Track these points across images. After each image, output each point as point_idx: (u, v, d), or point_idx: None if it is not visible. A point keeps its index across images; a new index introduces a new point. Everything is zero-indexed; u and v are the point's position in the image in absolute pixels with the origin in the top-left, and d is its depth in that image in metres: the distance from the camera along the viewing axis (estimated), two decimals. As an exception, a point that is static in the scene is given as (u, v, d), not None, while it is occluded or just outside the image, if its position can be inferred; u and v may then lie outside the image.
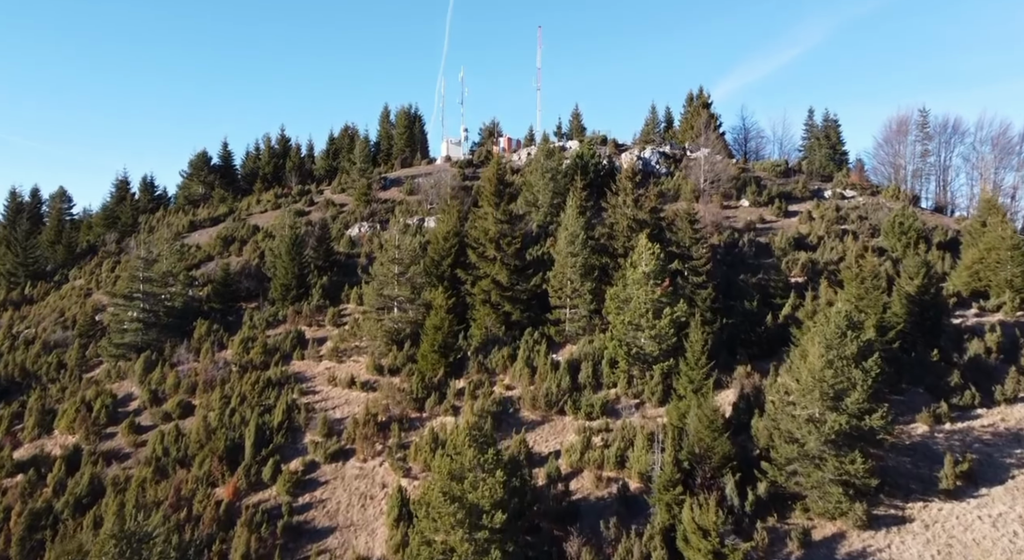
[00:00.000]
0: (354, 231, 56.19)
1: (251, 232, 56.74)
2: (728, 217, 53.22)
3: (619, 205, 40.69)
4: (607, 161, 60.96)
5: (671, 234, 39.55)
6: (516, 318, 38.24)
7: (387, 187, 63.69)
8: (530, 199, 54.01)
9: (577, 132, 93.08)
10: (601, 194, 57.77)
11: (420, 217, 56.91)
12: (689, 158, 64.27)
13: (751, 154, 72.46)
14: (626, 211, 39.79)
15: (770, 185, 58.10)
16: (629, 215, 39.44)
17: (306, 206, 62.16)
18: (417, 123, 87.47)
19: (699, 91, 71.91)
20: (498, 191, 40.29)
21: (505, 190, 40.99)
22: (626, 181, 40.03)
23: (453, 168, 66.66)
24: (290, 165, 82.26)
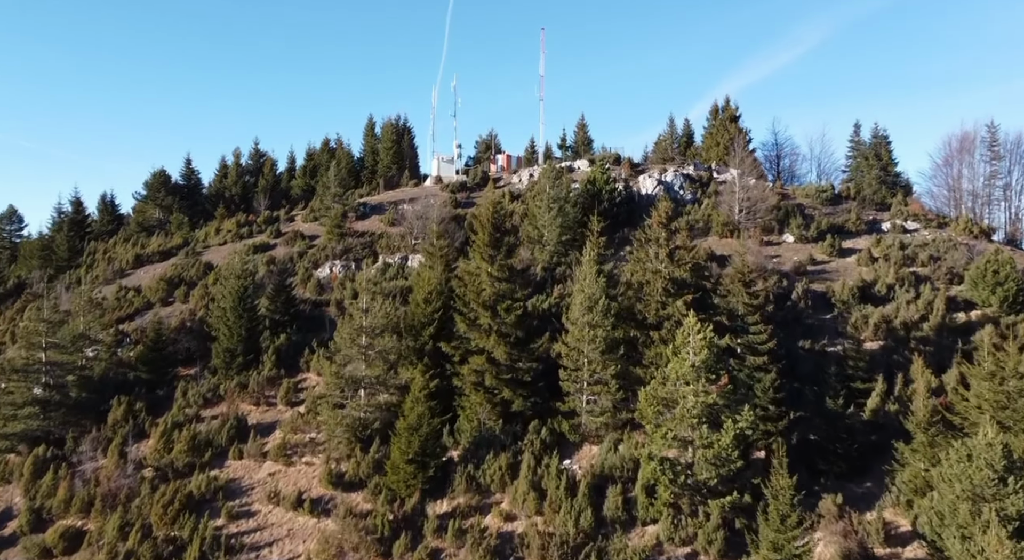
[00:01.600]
0: (324, 271, 47.28)
1: (202, 272, 47.83)
2: (771, 257, 44.33)
3: (649, 258, 31.74)
4: (623, 185, 52.14)
5: (718, 298, 30.64)
6: (517, 407, 29.36)
7: (366, 215, 54.84)
8: (533, 235, 45.14)
9: (583, 145, 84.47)
10: (617, 226, 49.21)
11: (403, 254, 48.04)
12: (717, 181, 55.45)
13: (785, 174, 63.65)
14: (659, 267, 30.84)
15: (817, 216, 49.20)
16: (664, 274, 30.48)
17: (271, 238, 53.27)
18: (406, 137, 78.61)
19: (725, 102, 63.15)
20: (494, 241, 31.38)
21: (503, 239, 32.00)
22: (659, 228, 31.12)
23: (444, 192, 57.77)
24: (263, 183, 73.45)
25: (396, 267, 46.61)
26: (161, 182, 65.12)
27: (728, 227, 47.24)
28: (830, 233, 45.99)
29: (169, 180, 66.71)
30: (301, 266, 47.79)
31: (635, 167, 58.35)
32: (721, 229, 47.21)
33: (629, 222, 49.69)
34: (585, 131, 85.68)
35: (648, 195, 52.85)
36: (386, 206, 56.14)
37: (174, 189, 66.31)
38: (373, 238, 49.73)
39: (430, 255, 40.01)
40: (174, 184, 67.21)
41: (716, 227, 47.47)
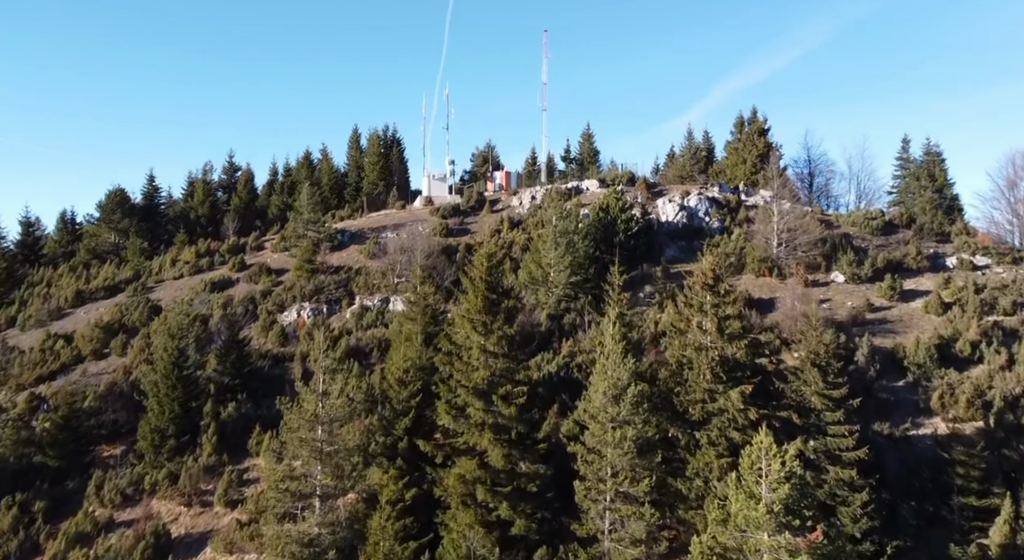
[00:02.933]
0: (290, 316, 40.13)
1: (147, 315, 40.60)
2: (820, 301, 37.23)
3: (691, 328, 24.52)
4: (639, 211, 45.02)
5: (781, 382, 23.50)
6: (519, 529, 22.19)
7: (344, 244, 47.70)
8: (537, 274, 37.98)
9: (589, 157, 77.39)
10: (634, 262, 42.08)
11: (384, 296, 40.89)
12: (746, 205, 48.36)
13: (819, 194, 56.57)
14: (704, 341, 23.62)
15: (868, 248, 42.14)
16: (713, 353, 23.26)
17: (234, 271, 46.11)
18: (395, 149, 71.49)
19: (752, 113, 56.05)
20: (489, 304, 24.19)
21: (501, 301, 24.78)
22: (703, 290, 23.84)
23: (434, 217, 50.62)
24: (236, 202, 66.21)
25: (375, 312, 39.47)
26: (117, 202, 57.93)
27: (765, 264, 40.12)
28: (888, 271, 38.90)
29: (127, 200, 59.54)
30: (264, 308, 40.63)
31: (652, 188, 51.25)
32: (757, 266, 40.11)
33: (648, 256, 42.62)
34: (591, 142, 78.73)
35: (669, 223, 45.75)
36: (367, 233, 48.98)
37: (132, 210, 59.13)
38: (349, 275, 42.53)
39: (412, 304, 32.87)
40: (134, 204, 60.03)
41: (751, 263, 40.37)
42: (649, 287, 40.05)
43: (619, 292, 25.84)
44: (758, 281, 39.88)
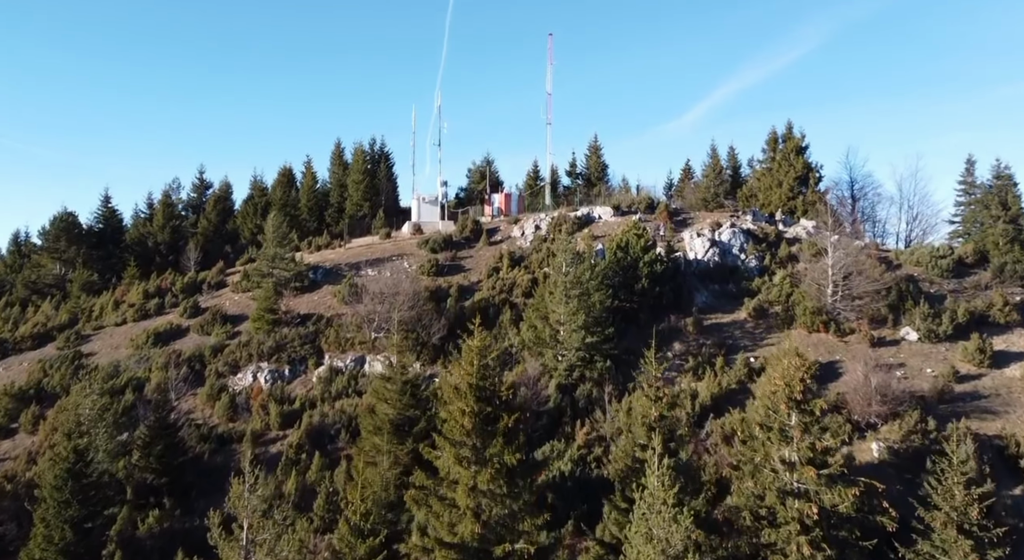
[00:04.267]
0: (244, 380, 33.12)
1: (70, 375, 33.54)
2: (891, 367, 30.23)
3: (769, 461, 17.39)
4: (664, 249, 38.02)
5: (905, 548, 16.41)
6: None
7: (317, 283, 40.69)
8: (543, 333, 30.92)
9: (597, 172, 70.40)
10: (660, 312, 35.14)
11: (358, 354, 33.86)
12: (786, 238, 41.40)
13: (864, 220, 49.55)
14: (790, 481, 16.51)
15: (941, 294, 35.21)
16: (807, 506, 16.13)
17: (185, 317, 39.09)
18: (383, 165, 64.53)
19: (786, 130, 49.07)
20: (482, 423, 17.09)
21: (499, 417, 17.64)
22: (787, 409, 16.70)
23: (422, 250, 43.61)
24: (204, 225, 59.24)
25: (347, 375, 32.49)
26: (63, 228, 50.91)
27: (819, 316, 33.12)
28: (971, 327, 31.95)
29: (75, 225, 52.56)
30: (213, 369, 33.64)
31: (674, 216, 44.29)
32: (810, 319, 33.10)
33: (676, 304, 35.62)
34: (599, 155, 71.95)
35: (699, 262, 38.76)
36: (344, 270, 41.97)
37: (82, 237, 52.11)
38: (319, 327, 35.47)
39: (386, 381, 25.83)
40: (84, 230, 53.04)
41: (802, 316, 33.36)
42: (679, 345, 33.08)
43: (662, 444, 18.32)
44: (812, 338, 32.90)
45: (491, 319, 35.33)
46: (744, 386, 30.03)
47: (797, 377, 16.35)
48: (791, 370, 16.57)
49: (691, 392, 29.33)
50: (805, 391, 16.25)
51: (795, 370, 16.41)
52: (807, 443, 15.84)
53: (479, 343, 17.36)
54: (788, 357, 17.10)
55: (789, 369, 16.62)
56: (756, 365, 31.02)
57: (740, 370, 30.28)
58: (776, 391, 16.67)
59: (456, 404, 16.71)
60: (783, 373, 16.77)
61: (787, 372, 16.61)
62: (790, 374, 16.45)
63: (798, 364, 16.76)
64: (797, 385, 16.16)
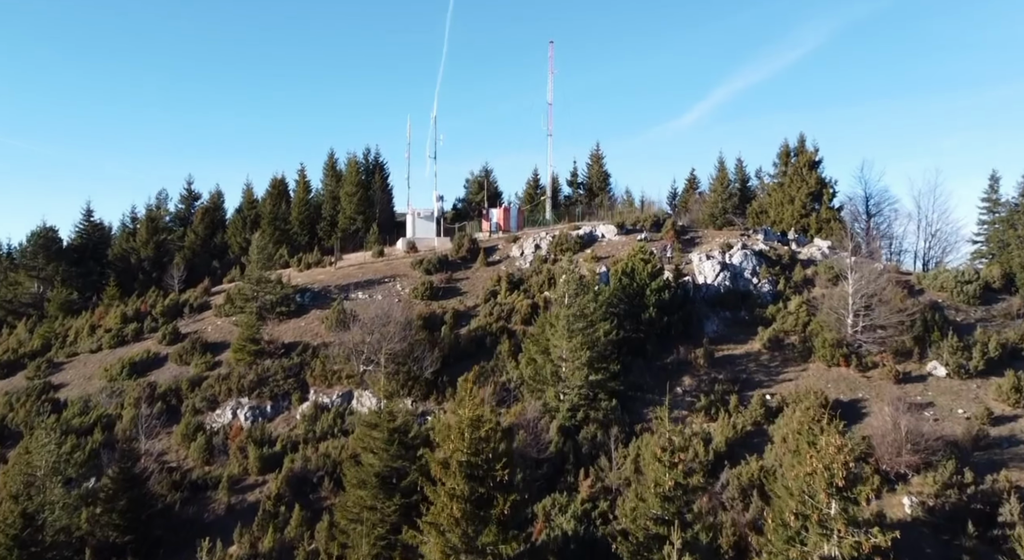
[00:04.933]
0: (223, 416, 30.89)
1: (39, 411, 31.25)
2: (919, 406, 28.02)
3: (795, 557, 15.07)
4: (672, 273, 35.78)
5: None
6: None
7: (304, 308, 38.45)
8: (544, 370, 28.67)
9: (599, 182, 68.39)
10: (669, 343, 32.91)
11: (346, 389, 31.61)
12: (800, 260, 39.19)
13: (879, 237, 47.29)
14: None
15: (969, 323, 33.03)
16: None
17: (164, 344, 36.86)
18: (378, 176, 62.35)
19: (799, 143, 46.80)
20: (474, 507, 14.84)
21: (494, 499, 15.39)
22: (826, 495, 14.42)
23: (416, 271, 41.39)
24: (191, 239, 57.05)
25: (333, 412, 30.25)
26: (41, 245, 48.68)
27: (840, 349, 30.88)
28: (1003, 361, 29.76)
29: (55, 241, 50.35)
30: (190, 405, 31.41)
31: (682, 234, 42.09)
32: (829, 352, 30.85)
33: (685, 333, 33.45)
34: (601, 164, 69.97)
35: (708, 286, 36.53)
36: (333, 293, 39.74)
37: (62, 253, 49.89)
38: (304, 358, 33.23)
39: (371, 429, 23.59)
40: (64, 246, 50.82)
41: (821, 348, 31.12)
42: (689, 379, 30.88)
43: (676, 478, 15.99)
44: (832, 373, 30.67)
45: (488, 349, 33.17)
46: (760, 428, 27.83)
47: (839, 460, 14.08)
48: (830, 450, 14.29)
49: (704, 435, 27.14)
50: (848, 477, 13.98)
51: (835, 451, 14.14)
52: (852, 541, 13.61)
53: (471, 413, 15.11)
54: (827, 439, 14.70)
55: (827, 449, 14.33)
56: (773, 403, 28.81)
57: (756, 410, 28.06)
58: (813, 472, 14.40)
59: (444, 486, 14.46)
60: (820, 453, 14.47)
61: (825, 453, 14.32)
62: (829, 455, 14.18)
63: (838, 444, 14.46)
64: (839, 470, 13.91)
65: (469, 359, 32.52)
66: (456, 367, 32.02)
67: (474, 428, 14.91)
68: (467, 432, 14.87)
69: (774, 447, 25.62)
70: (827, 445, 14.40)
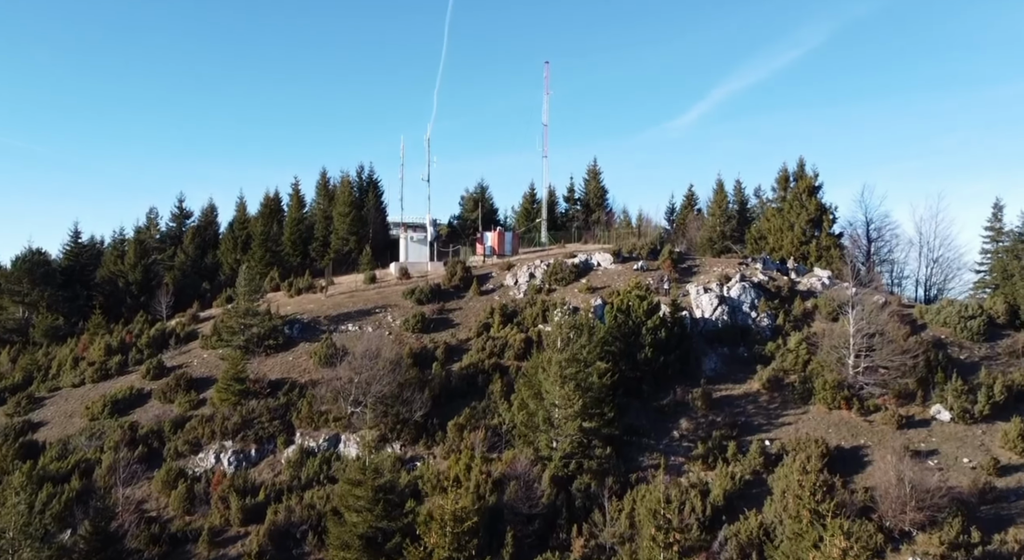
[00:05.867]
0: (206, 461, 29.97)
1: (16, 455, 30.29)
2: (922, 454, 27.20)
3: None
4: (669, 307, 34.92)
5: None
6: None
7: (293, 341, 37.54)
8: (537, 415, 27.77)
9: (596, 198, 67.62)
10: (665, 382, 32.06)
11: (333, 432, 30.66)
12: (800, 292, 38.35)
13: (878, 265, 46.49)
14: None
15: (973, 361, 32.25)
16: None
17: (148, 379, 35.94)
18: (371, 194, 61.45)
19: (798, 167, 46.06)
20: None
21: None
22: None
23: (408, 301, 40.51)
24: (181, 260, 56.17)
25: (320, 457, 29.36)
26: (26, 269, 47.71)
27: (840, 392, 30.04)
28: (1010, 405, 28.94)
29: (43, 264, 49.40)
30: (172, 448, 30.48)
31: (679, 262, 41.22)
32: (830, 395, 30.01)
33: (682, 372, 32.62)
34: (598, 179, 69.24)
35: (706, 321, 35.68)
36: (322, 325, 38.85)
37: (48, 277, 48.91)
38: (291, 398, 32.32)
39: (357, 487, 22.69)
40: (50, 269, 49.87)
41: (821, 390, 30.28)
42: (686, 422, 30.00)
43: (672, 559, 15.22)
44: (832, 417, 29.83)
45: (480, 388, 32.29)
46: (759, 477, 26.98)
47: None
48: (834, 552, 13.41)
49: (701, 486, 26.28)
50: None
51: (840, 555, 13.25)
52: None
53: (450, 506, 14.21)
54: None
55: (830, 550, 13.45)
56: (772, 450, 27.99)
57: (755, 458, 27.20)
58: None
59: None
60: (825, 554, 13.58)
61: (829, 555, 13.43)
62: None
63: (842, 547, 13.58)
64: None
65: (460, 399, 31.65)
66: (447, 407, 31.16)
67: (457, 521, 14.01)
68: (450, 524, 13.98)
69: (773, 502, 24.73)
70: (831, 546, 13.51)
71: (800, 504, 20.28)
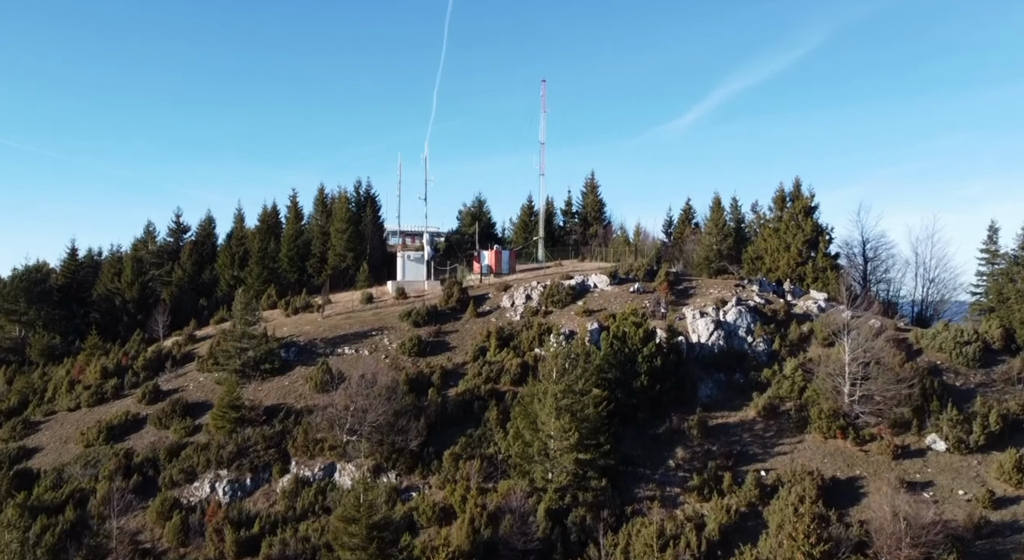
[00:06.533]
0: (201, 490, 29.92)
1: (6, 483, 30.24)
2: (915, 486, 27.19)
3: None
4: (665, 332, 34.97)
5: None
6: None
7: (289, 364, 37.53)
8: (532, 445, 27.77)
9: (594, 211, 67.92)
10: (661, 410, 32.08)
11: (328, 461, 30.63)
12: (795, 315, 38.39)
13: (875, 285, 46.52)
14: None
15: (969, 388, 32.27)
16: None
17: (144, 403, 35.93)
18: (369, 209, 61.59)
19: (794, 187, 46.14)
20: None
21: None
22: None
23: (404, 323, 40.51)
24: (178, 276, 56.21)
25: (315, 488, 29.31)
26: (23, 287, 47.68)
27: (836, 421, 30.04)
28: (1005, 435, 28.95)
29: (42, 282, 49.38)
30: (167, 477, 30.43)
31: (675, 284, 41.23)
32: (826, 424, 30.01)
33: (678, 399, 32.62)
34: (595, 193, 69.62)
35: (702, 346, 35.71)
36: (319, 347, 38.85)
37: (44, 295, 48.89)
38: (286, 425, 32.28)
39: (351, 525, 22.66)
40: (47, 287, 49.84)
41: (817, 419, 30.28)
42: (682, 450, 30.01)
43: None
44: (828, 446, 29.82)
45: (476, 416, 32.28)
46: (755, 509, 26.94)
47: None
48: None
49: (697, 519, 26.23)
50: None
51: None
52: None
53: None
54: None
55: None
56: (768, 480, 27.96)
57: (750, 490, 27.17)
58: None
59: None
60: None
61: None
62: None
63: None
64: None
65: (456, 427, 31.64)
66: (443, 435, 31.16)
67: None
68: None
69: (769, 537, 24.70)
70: None
71: (794, 546, 20.27)
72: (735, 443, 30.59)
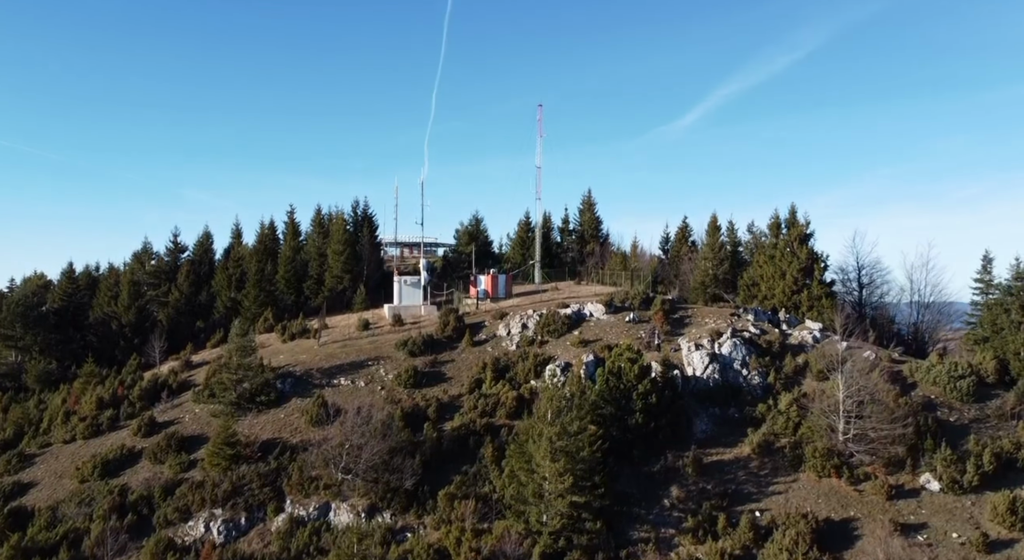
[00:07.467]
0: (196, 529, 29.89)
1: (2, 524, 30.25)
2: (910, 529, 27.22)
3: None
4: (660, 365, 35.03)
5: None
6: None
7: (284, 396, 37.53)
8: (528, 486, 27.76)
9: (591, 229, 68.10)
10: (656, 447, 32.10)
11: (323, 501, 30.59)
12: (790, 346, 38.46)
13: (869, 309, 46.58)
14: None
15: (963, 423, 32.32)
16: None
17: (139, 435, 35.93)
18: (366, 230, 61.59)
19: (790, 214, 46.19)
20: None
21: None
22: None
23: (400, 353, 40.53)
24: (175, 297, 56.20)
25: (310, 528, 29.23)
26: (20, 311, 47.67)
27: (831, 460, 30.08)
28: (999, 475, 28.99)
29: (37, 305, 49.37)
30: (161, 516, 30.39)
31: (671, 313, 41.28)
32: (820, 463, 30.05)
33: (673, 436, 32.64)
34: (593, 211, 69.96)
35: (698, 379, 35.77)
36: (315, 378, 38.85)
37: (40, 320, 48.87)
38: (281, 462, 32.27)
39: None
40: (43, 312, 49.84)
41: (812, 458, 30.31)
42: (677, 489, 29.97)
43: None
44: (822, 486, 29.84)
45: (471, 451, 32.30)
46: (750, 553, 26.94)
47: None
48: None
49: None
50: None
51: None
52: None
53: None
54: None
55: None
56: (762, 521, 27.98)
57: (745, 533, 27.16)
58: None
59: None
60: None
61: None
62: None
63: None
64: None
65: (452, 463, 31.66)
66: (439, 471, 31.17)
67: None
68: None
69: (762, 583, 24.77)
70: None
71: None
72: (730, 482, 30.61)
